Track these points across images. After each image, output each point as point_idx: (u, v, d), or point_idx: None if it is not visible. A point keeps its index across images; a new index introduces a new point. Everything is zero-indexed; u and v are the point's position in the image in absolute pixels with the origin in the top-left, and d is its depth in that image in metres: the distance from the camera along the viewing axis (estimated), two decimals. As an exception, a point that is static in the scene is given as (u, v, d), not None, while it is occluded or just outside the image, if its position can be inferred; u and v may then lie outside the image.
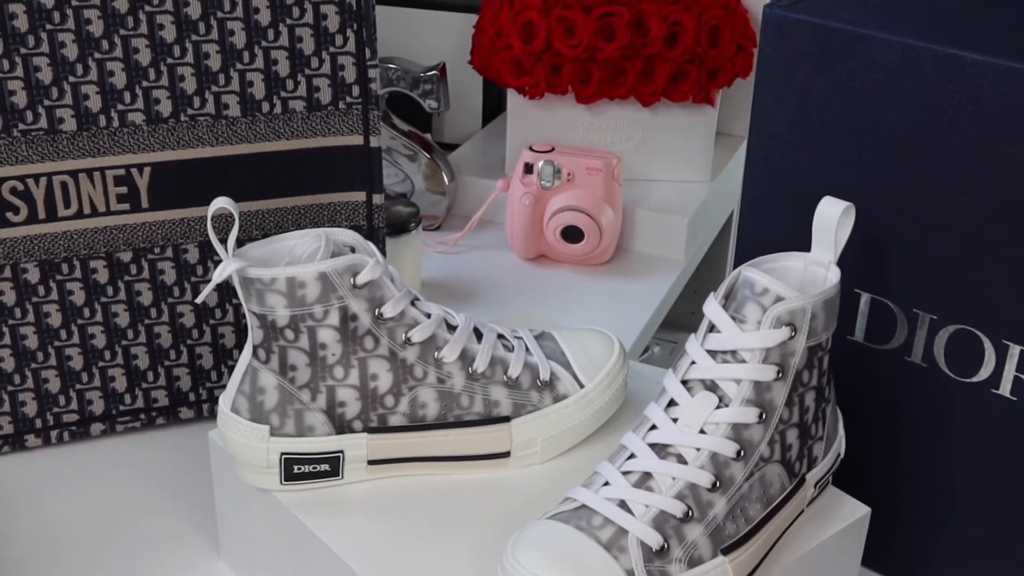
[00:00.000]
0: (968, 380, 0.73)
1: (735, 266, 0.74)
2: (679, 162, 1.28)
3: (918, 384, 0.75)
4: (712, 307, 0.68)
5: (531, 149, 1.19)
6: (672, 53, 1.20)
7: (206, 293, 0.68)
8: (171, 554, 0.81)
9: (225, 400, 0.72)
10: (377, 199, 0.92)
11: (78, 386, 0.90)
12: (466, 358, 0.72)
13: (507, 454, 0.74)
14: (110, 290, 0.88)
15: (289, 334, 0.69)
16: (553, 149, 1.19)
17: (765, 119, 0.76)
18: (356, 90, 0.88)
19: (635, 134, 1.28)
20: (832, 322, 0.68)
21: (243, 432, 0.71)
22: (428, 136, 1.30)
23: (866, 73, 0.71)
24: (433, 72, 1.22)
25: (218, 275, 0.67)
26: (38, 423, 0.90)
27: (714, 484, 0.65)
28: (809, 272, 0.71)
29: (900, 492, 0.79)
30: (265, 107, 0.87)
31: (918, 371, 0.75)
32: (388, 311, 0.70)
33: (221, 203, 0.67)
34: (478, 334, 0.74)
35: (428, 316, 0.72)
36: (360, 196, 0.91)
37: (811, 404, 0.69)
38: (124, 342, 0.90)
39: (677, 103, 1.25)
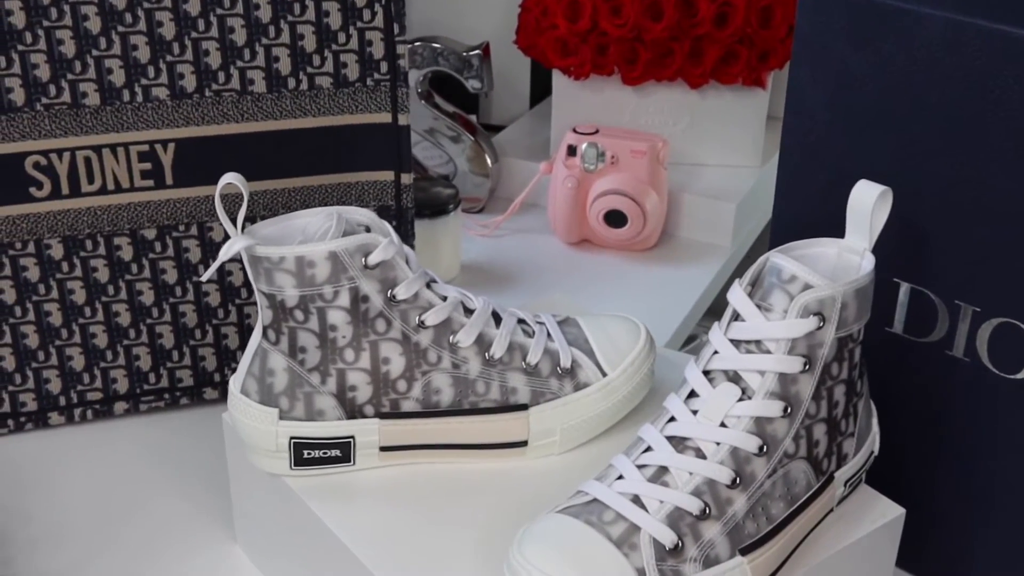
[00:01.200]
0: (1012, 376, 0.69)
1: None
2: (728, 146, 1.25)
3: (959, 379, 0.71)
4: (737, 294, 0.65)
5: (575, 131, 1.17)
6: (721, 34, 1.17)
7: (211, 271, 0.66)
8: (187, 537, 0.80)
9: (235, 381, 0.70)
10: (406, 179, 0.89)
11: (102, 364, 0.89)
12: (483, 343, 0.70)
13: (524, 443, 0.71)
14: (135, 267, 0.87)
15: (299, 315, 0.67)
16: (597, 131, 1.16)
17: (801, 98, 0.72)
18: (384, 66, 0.86)
19: (683, 117, 1.24)
20: (865, 312, 0.65)
21: (252, 415, 0.69)
22: (472, 117, 1.28)
23: (907, 50, 0.67)
24: (476, 52, 1.20)
25: (224, 252, 0.65)
26: (62, 401, 0.89)
27: (734, 480, 0.62)
28: (843, 259, 0.67)
29: (938, 492, 0.75)
30: (291, 83, 0.85)
31: (960, 366, 0.71)
32: (401, 293, 0.68)
33: (230, 179, 0.65)
34: (497, 318, 0.72)
35: (444, 299, 0.70)
36: (388, 175, 0.89)
37: (841, 398, 0.65)
38: (149, 320, 0.89)
39: (727, 85, 1.21)
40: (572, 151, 1.16)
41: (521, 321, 0.73)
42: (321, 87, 0.85)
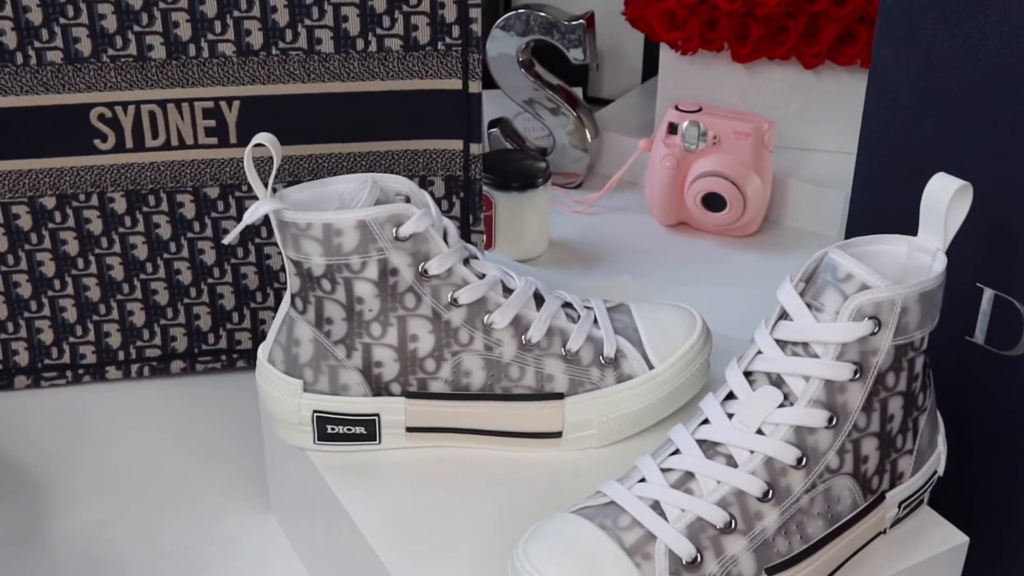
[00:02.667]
0: (1102, 400, 0.62)
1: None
2: (842, 131, 1.17)
3: (1044, 399, 0.65)
4: (786, 291, 0.59)
5: (676, 108, 1.11)
6: (840, 12, 1.09)
7: (235, 233, 0.64)
8: (225, 503, 0.78)
9: (264, 349, 0.68)
10: (475, 148, 0.86)
11: (162, 321, 0.88)
12: (519, 325, 0.66)
13: (559, 435, 0.67)
14: (196, 226, 0.86)
15: (326, 284, 0.64)
16: (700, 109, 1.11)
17: (884, 81, 0.66)
18: (456, 31, 0.82)
19: (796, 99, 1.17)
20: (930, 320, 0.59)
21: (277, 385, 0.67)
22: (578, 90, 1.23)
23: (1000, 30, 0.60)
24: (580, 21, 1.15)
25: (249, 215, 0.62)
26: (120, 355, 0.89)
27: (766, 493, 0.57)
28: (913, 259, 0.61)
29: (1011, 520, 0.68)
30: (360, 44, 0.82)
31: (1045, 384, 0.64)
32: (433, 267, 0.64)
33: (261, 139, 0.63)
34: (540, 301, 0.68)
35: (481, 277, 0.66)
36: (457, 144, 0.86)
37: (896, 412, 0.59)
38: (210, 280, 0.88)
39: (843, 67, 1.14)
40: (673, 129, 1.11)
41: (567, 305, 0.69)
42: (390, 50, 0.82)
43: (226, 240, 0.65)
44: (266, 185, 0.78)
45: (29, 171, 0.82)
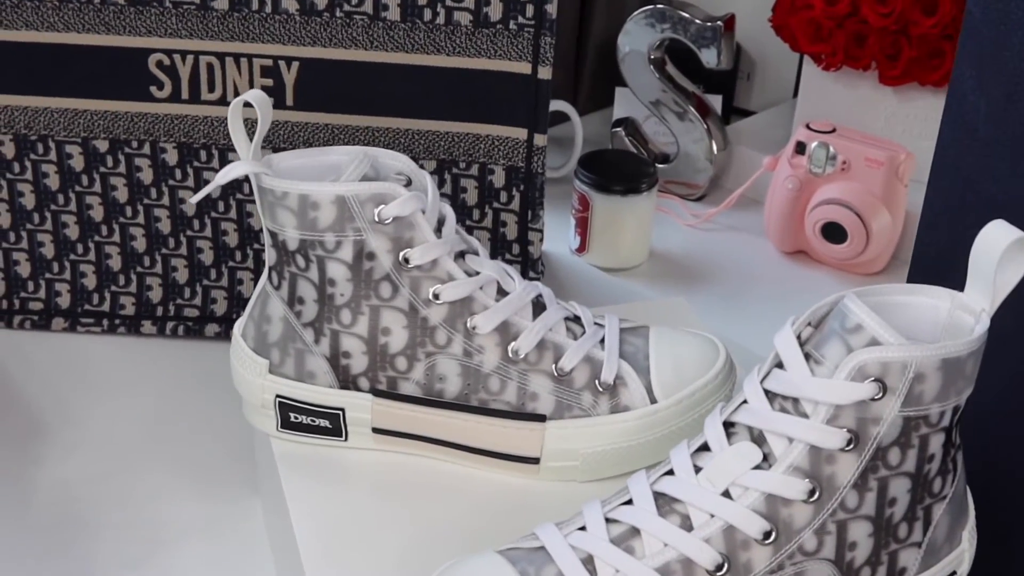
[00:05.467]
0: None
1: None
2: (996, 173, 1.05)
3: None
4: (784, 335, 0.51)
5: (807, 127, 1.01)
6: (1005, 37, 0.97)
7: (204, 193, 0.59)
8: (218, 480, 0.74)
9: (239, 323, 0.63)
10: (539, 139, 0.79)
11: (205, 282, 0.85)
12: (506, 333, 0.59)
13: (536, 460, 0.60)
14: (246, 187, 0.82)
15: (300, 260, 0.59)
16: (834, 130, 1.01)
17: (962, 107, 0.56)
18: (530, 10, 0.76)
19: (947, 130, 1.05)
20: (955, 392, 0.49)
21: (244, 362, 0.62)
22: (712, 98, 1.15)
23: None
24: (718, 22, 1.06)
25: (223, 174, 0.58)
26: (159, 311, 0.86)
27: (719, 566, 0.48)
28: (954, 319, 0.51)
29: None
30: (427, 15, 0.76)
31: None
32: (415, 257, 0.58)
33: (250, 95, 0.58)
34: (541, 310, 0.61)
35: (474, 275, 0.60)
36: (521, 133, 0.79)
37: (900, 495, 0.50)
38: (256, 246, 0.84)
39: (1004, 100, 1.01)
40: (801, 149, 1.01)
41: (574, 320, 0.62)
42: (459, 23, 0.77)
43: (191, 201, 0.60)
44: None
45: (84, 111, 0.80)
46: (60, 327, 0.86)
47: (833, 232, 1.00)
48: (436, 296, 0.59)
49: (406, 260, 0.58)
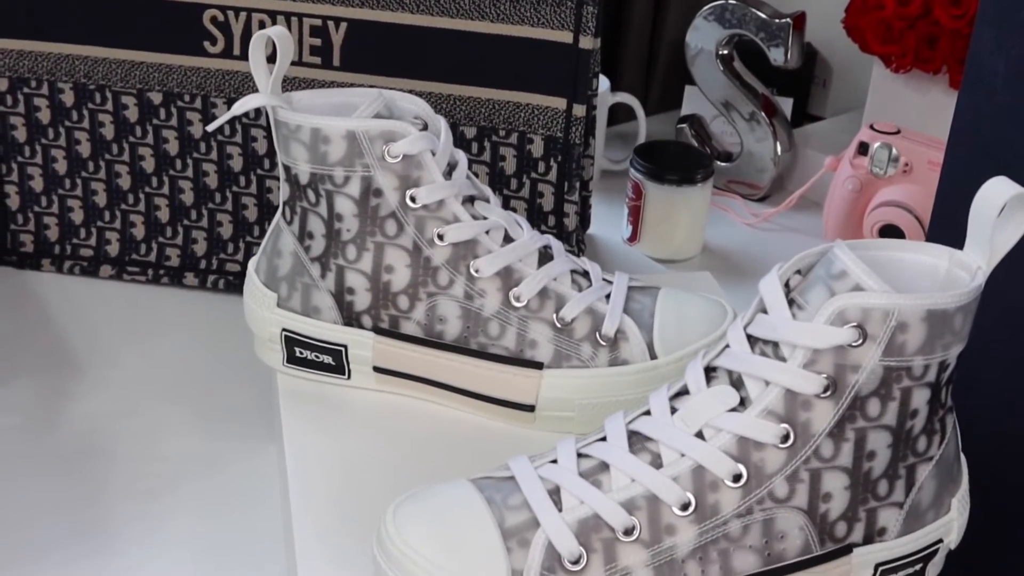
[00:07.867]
0: None
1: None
2: (1065, 184, 1.01)
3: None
4: (769, 281, 0.50)
5: (871, 127, 1.00)
6: (1079, 42, 0.94)
7: (220, 122, 0.60)
8: (234, 422, 0.75)
9: (254, 259, 0.64)
10: (578, 110, 0.79)
11: (248, 238, 0.87)
12: (509, 278, 0.59)
13: (531, 408, 0.60)
14: (292, 147, 0.84)
15: (311, 195, 0.60)
16: (898, 132, 0.99)
17: (980, 72, 0.55)
18: (574, -22, 0.76)
19: (1017, 138, 1.02)
20: (942, 347, 0.48)
21: (254, 296, 0.63)
22: (782, 100, 1.14)
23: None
24: (786, 19, 1.05)
25: (239, 105, 0.59)
26: (203, 264, 0.88)
27: (685, 506, 0.48)
28: (952, 276, 0.50)
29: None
30: (473, -20, 0.77)
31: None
32: (421, 196, 0.59)
33: (274, 30, 0.59)
34: (546, 260, 0.61)
35: (481, 219, 0.60)
36: (560, 103, 0.79)
37: (880, 450, 0.48)
38: (299, 205, 0.85)
39: (1076, 108, 0.98)
40: (863, 149, 1.00)
41: (583, 274, 0.62)
42: (504, -10, 0.77)
43: (209, 128, 0.62)
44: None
45: (140, 63, 0.83)
46: (107, 274, 0.88)
47: (891, 234, 0.98)
48: (440, 237, 0.59)
49: (412, 199, 0.59)
